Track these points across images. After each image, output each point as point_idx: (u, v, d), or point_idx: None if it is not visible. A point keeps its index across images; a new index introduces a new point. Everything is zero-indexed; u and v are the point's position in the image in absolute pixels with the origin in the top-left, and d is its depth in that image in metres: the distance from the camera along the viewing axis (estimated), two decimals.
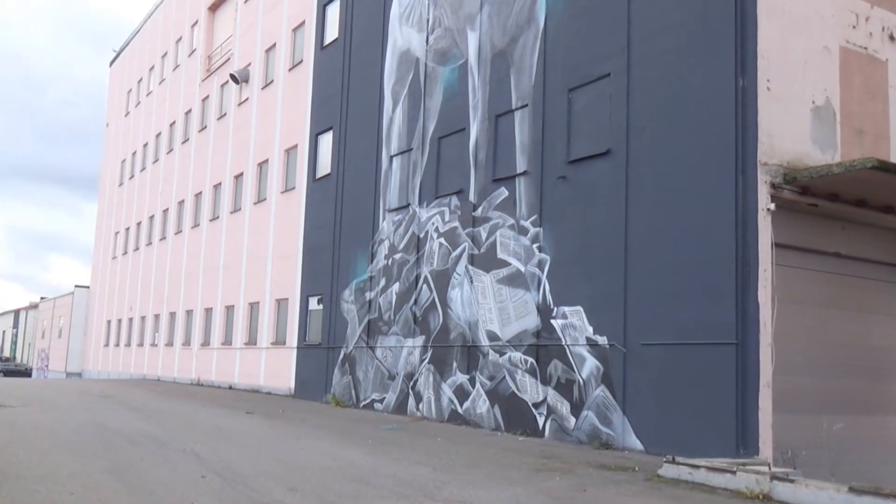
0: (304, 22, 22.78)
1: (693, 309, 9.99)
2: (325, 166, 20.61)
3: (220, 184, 27.91)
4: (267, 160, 24.32)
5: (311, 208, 21.05)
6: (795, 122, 10.05)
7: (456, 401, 14.23)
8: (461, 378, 14.18)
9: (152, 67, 37.87)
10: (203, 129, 30.19)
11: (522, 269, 13.03)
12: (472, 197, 14.53)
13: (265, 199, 24.14)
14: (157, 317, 32.61)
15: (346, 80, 19.78)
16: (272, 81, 24.63)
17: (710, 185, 10.01)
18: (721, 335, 9.59)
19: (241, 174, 26.22)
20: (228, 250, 26.52)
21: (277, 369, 21.84)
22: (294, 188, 22.25)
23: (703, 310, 9.85)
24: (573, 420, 11.59)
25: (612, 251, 11.31)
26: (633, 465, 9.06)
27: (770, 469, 7.46)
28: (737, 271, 9.56)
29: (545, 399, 12.16)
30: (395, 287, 16.58)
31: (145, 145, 37.26)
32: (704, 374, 9.72)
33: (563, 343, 11.97)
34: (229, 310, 25.98)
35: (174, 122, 33.62)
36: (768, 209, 9.54)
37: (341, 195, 19.38)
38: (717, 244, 9.81)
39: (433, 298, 15.25)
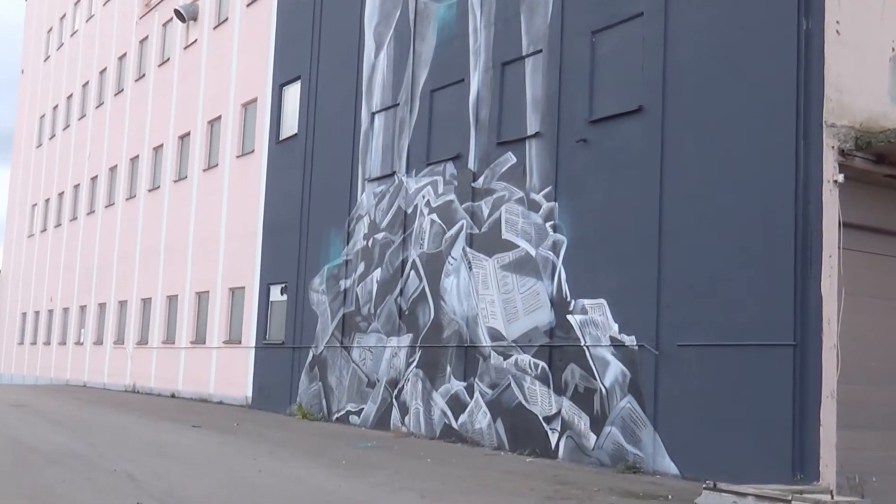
0: None
1: (741, 303, 9.99)
2: (290, 125, 20.49)
3: (162, 146, 27.72)
4: (219, 117, 24.19)
5: (274, 177, 20.95)
6: (870, 75, 10.00)
7: (450, 413, 14.27)
8: (456, 386, 14.21)
9: (78, 1, 37.50)
10: (140, 77, 29.95)
11: (533, 252, 13.01)
12: (471, 164, 14.48)
13: (217, 165, 24.05)
14: (83, 309, 32.53)
15: (317, 18, 19.59)
16: (226, 20, 24.42)
17: (765, 151, 9.97)
18: (775, 335, 9.60)
19: (188, 134, 26.04)
20: (171, 228, 26.40)
21: (231, 374, 21.86)
22: (253, 152, 22.16)
23: (754, 304, 9.85)
24: (593, 437, 11.62)
25: (644, 232, 11.27)
26: (665, 493, 9.09)
27: (833, 498, 7.48)
28: (796, 257, 9.54)
29: (559, 412, 12.19)
30: (377, 274, 16.58)
31: (69, 97, 36.97)
32: (754, 383, 9.74)
33: (582, 344, 11.98)
34: (172, 301, 25.92)
35: (105, 70, 33.34)
36: (836, 181, 9.52)
37: (311, 161, 19.30)
38: (773, 224, 9.79)
39: (423, 288, 15.25)
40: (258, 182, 21.57)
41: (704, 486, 8.21)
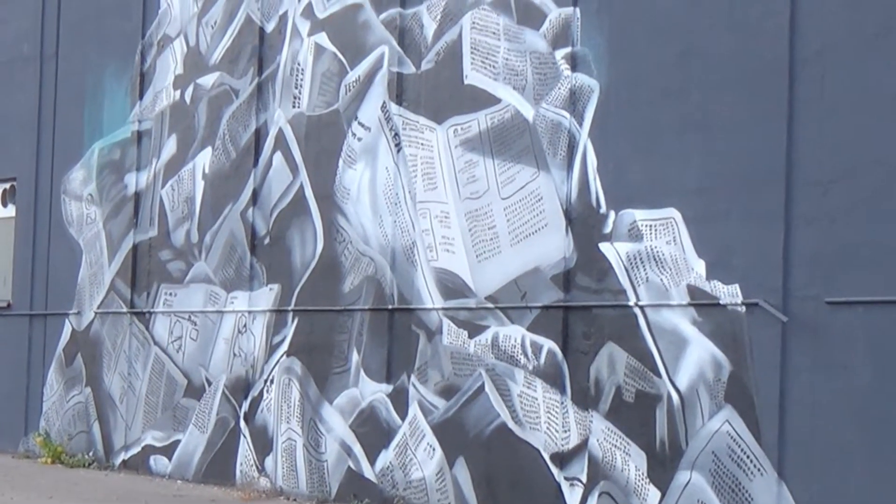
0: None
1: None
2: None
3: None
4: None
5: None
6: None
7: (359, 449, 14.40)
8: (372, 392, 14.33)
9: None
10: None
11: (529, 112, 13.00)
12: None
13: None
14: None
15: None
16: None
17: None
18: None
19: None
20: None
21: None
22: None
23: None
24: (655, 495, 11.74)
25: (758, 62, 11.22)
26: None
27: None
28: None
29: (584, 443, 12.29)
30: (204, 159, 16.70)
31: None
32: None
33: (632, 302, 12.05)
34: None
35: None
36: None
37: None
38: None
39: (300, 188, 15.33)
40: None
41: None
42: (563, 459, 12.42)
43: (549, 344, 12.62)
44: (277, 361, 15.39)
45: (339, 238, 14.76)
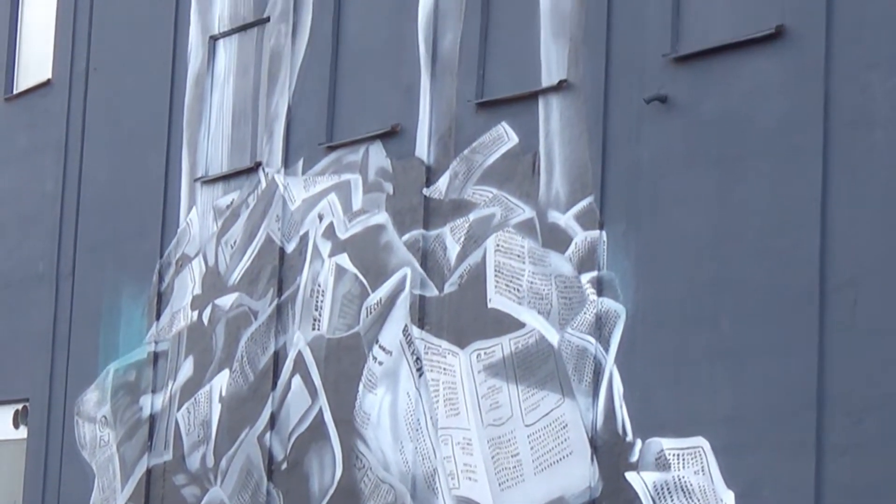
0: None
1: None
2: (38, 62, 20.80)
3: None
4: None
5: (4, 172, 21.17)
6: None
7: None
8: None
9: None
10: None
11: (554, 338, 13.03)
12: (421, 148, 14.65)
13: None
14: None
15: None
16: None
17: None
18: None
19: None
20: None
21: None
22: None
23: None
24: None
25: (788, 288, 11.23)
26: None
27: None
28: None
29: None
30: (220, 382, 16.68)
31: None
32: None
33: None
34: None
35: None
36: None
37: (80, 138, 19.55)
38: None
39: (319, 413, 15.26)
40: None
41: None
42: None
43: None
44: None
45: (358, 464, 14.67)
